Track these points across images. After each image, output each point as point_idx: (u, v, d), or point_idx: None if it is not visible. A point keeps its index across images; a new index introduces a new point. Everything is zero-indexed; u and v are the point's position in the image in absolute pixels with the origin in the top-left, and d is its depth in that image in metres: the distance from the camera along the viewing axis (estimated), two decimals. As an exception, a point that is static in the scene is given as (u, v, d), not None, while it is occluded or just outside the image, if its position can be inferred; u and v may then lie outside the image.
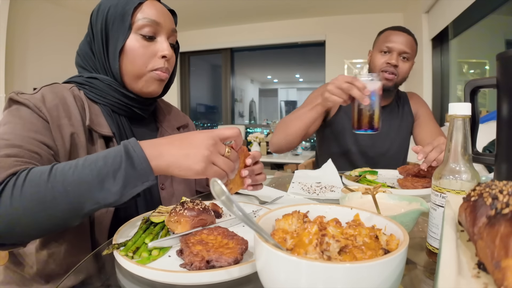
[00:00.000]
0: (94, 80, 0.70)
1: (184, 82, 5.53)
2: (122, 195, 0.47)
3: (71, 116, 0.64)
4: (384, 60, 1.25)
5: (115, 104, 0.71)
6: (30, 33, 3.30)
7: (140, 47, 0.68)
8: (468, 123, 0.45)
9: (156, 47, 0.70)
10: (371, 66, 1.31)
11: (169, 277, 0.40)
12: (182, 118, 0.93)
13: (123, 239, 0.51)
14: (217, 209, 0.63)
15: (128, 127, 0.73)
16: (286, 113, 6.91)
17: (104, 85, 0.70)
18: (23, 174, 0.47)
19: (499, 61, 0.54)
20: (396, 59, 1.22)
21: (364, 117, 0.91)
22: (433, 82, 3.23)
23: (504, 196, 0.27)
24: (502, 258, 0.21)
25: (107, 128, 0.68)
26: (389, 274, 0.28)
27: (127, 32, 0.68)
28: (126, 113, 0.74)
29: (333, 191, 0.85)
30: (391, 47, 1.23)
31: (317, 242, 0.31)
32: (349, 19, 4.05)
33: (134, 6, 0.68)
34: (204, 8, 4.07)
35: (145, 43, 0.69)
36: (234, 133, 0.54)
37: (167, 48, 0.70)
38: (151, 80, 0.71)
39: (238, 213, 0.34)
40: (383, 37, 1.28)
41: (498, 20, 2.39)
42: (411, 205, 0.55)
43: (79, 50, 0.75)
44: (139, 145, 0.49)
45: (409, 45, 1.23)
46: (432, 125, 1.32)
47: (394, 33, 1.25)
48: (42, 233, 0.51)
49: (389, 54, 1.24)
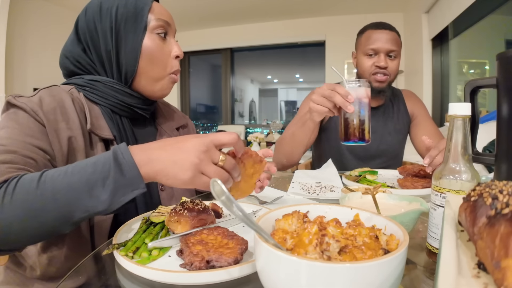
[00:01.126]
0: (96, 82, 0.69)
1: (184, 82, 5.52)
2: (112, 203, 0.45)
3: (69, 119, 0.63)
4: (372, 63, 1.20)
5: (117, 105, 0.70)
6: (30, 33, 3.30)
7: (156, 47, 0.68)
8: (468, 123, 0.45)
9: (168, 47, 0.70)
10: (360, 71, 1.26)
11: (169, 277, 0.40)
12: (181, 118, 0.91)
13: (123, 239, 0.51)
14: (217, 209, 0.63)
15: (129, 129, 0.72)
16: (286, 113, 6.91)
17: (106, 87, 0.69)
18: (14, 181, 0.45)
19: (499, 61, 0.54)
20: (385, 60, 1.18)
21: (351, 127, 0.82)
22: (433, 82, 3.23)
23: (504, 196, 0.27)
24: (502, 258, 0.21)
25: (107, 131, 0.67)
26: (389, 274, 0.28)
27: (143, 32, 0.67)
28: (127, 114, 0.72)
29: (333, 191, 0.85)
30: (377, 49, 1.18)
31: (317, 242, 0.31)
32: (349, 19, 4.05)
33: (149, 6, 0.67)
34: (204, 8, 4.06)
35: (160, 43, 0.68)
36: (231, 140, 0.48)
37: (178, 47, 0.70)
38: (168, 83, 0.72)
39: (238, 213, 0.34)
40: (366, 39, 1.22)
41: (498, 20, 2.39)
42: (411, 205, 0.55)
43: (68, 52, 0.71)
44: (128, 151, 0.46)
45: (394, 42, 1.18)
46: (430, 125, 1.30)
47: (376, 32, 1.19)
48: (34, 240, 0.50)
49: (376, 56, 1.19)
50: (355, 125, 0.82)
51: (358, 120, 0.82)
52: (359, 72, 1.27)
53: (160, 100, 0.88)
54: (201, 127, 5.95)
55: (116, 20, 0.66)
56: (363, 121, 0.82)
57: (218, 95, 5.55)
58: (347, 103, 0.80)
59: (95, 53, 0.69)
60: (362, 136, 0.82)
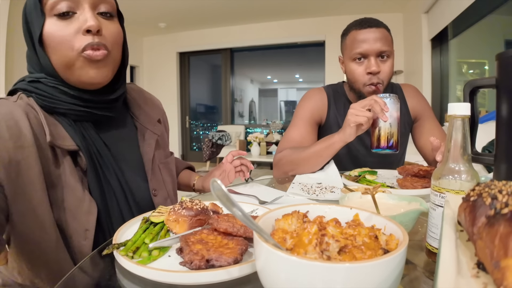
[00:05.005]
0: (38, 84, 0.60)
1: (184, 82, 5.52)
2: None
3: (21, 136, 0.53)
4: (362, 70, 1.05)
5: (70, 112, 0.60)
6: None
7: (57, 30, 0.56)
8: (467, 123, 0.45)
9: (75, 25, 0.57)
10: (350, 79, 1.11)
11: (169, 277, 0.40)
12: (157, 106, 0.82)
13: (123, 239, 0.51)
14: (217, 209, 0.63)
15: (94, 135, 0.63)
16: (286, 113, 6.91)
17: (50, 88, 0.60)
18: None
19: (499, 61, 0.54)
20: (376, 64, 1.02)
21: (382, 137, 0.92)
22: (432, 82, 3.24)
23: (503, 196, 0.27)
24: (501, 258, 0.21)
25: (69, 141, 0.58)
26: (388, 274, 0.28)
27: (42, 19, 0.56)
28: (87, 118, 0.62)
29: (333, 192, 0.84)
30: (365, 52, 1.02)
31: (316, 242, 0.32)
32: (349, 19, 4.01)
33: None
34: (204, 8, 4.07)
35: (62, 23, 0.56)
36: None
37: (89, 19, 0.56)
38: (84, 64, 0.58)
39: (237, 213, 0.34)
40: (350, 41, 1.06)
41: (497, 20, 2.40)
42: (411, 205, 0.55)
43: (27, 52, 0.63)
44: None
45: (384, 41, 1.02)
46: (435, 127, 1.19)
47: (361, 32, 1.03)
48: None
49: (366, 60, 1.04)
50: (386, 134, 0.91)
51: (389, 129, 0.91)
52: (350, 82, 1.13)
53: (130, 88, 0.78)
54: (201, 127, 5.95)
55: (26, 13, 0.59)
56: (393, 131, 0.92)
57: (218, 95, 5.56)
58: (384, 112, 0.88)
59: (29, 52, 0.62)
60: (391, 145, 0.92)
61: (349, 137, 0.93)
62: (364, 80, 1.06)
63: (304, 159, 1.03)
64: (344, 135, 0.94)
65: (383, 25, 1.06)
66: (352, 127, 0.91)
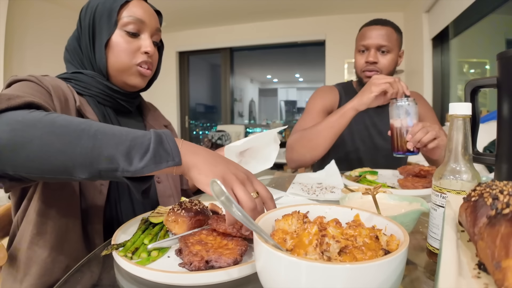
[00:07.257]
0: (79, 74, 0.73)
1: (183, 81, 5.52)
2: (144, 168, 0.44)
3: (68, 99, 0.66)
4: (363, 60, 1.21)
5: (100, 95, 0.73)
6: (29, 32, 3.30)
7: (124, 42, 0.72)
8: (468, 123, 0.44)
9: (139, 43, 0.74)
10: (355, 68, 1.28)
11: (168, 277, 0.39)
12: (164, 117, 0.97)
13: (122, 239, 0.50)
14: (216, 210, 0.63)
15: (114, 118, 0.75)
16: (286, 113, 6.91)
17: (89, 79, 0.73)
18: None
19: (500, 60, 0.54)
20: (374, 56, 1.17)
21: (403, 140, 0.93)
22: (433, 81, 3.23)
23: (504, 196, 0.27)
24: (502, 258, 0.21)
25: (93, 116, 0.70)
26: (389, 274, 0.28)
27: (113, 28, 0.71)
28: (111, 104, 0.76)
29: (333, 192, 0.84)
30: (367, 44, 1.19)
31: (317, 242, 0.31)
32: (349, 18, 4.05)
33: (121, 4, 0.72)
34: (203, 7, 4.06)
35: (129, 39, 0.73)
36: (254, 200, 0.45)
37: (149, 45, 0.74)
38: (135, 73, 0.75)
39: (237, 214, 0.34)
40: (360, 36, 1.24)
41: (498, 19, 2.39)
42: (412, 205, 0.55)
43: (68, 45, 0.78)
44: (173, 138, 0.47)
45: (385, 37, 1.17)
46: None
47: (369, 28, 1.20)
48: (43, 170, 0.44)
49: (367, 52, 1.20)
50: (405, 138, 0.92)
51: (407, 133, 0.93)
52: (356, 72, 1.28)
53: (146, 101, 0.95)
54: (200, 127, 5.95)
55: (94, 16, 0.72)
56: None
57: (217, 94, 5.55)
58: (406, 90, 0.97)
59: (83, 48, 0.74)
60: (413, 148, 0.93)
61: (363, 104, 1.00)
62: (362, 67, 1.22)
63: (316, 132, 1.08)
64: (359, 102, 1.01)
65: (391, 25, 1.21)
66: (372, 96, 0.98)
